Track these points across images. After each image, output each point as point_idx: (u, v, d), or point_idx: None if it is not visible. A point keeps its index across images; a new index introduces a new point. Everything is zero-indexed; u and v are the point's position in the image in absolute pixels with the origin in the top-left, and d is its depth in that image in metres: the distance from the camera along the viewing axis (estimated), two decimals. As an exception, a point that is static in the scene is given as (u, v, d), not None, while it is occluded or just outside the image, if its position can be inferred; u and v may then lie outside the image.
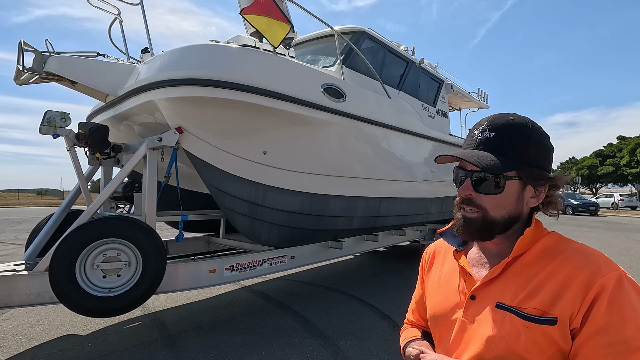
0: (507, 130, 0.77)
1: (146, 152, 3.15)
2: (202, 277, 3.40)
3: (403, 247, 8.48)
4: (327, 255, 4.63)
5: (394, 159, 4.83)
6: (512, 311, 0.72)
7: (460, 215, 0.81)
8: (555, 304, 0.69)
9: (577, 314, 0.67)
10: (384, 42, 5.16)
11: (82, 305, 2.69)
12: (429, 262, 1.03)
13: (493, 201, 0.77)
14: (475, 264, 0.85)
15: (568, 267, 0.71)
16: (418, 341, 0.96)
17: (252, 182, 3.51)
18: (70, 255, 2.63)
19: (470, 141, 0.81)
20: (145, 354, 3.07)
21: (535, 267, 0.74)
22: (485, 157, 0.75)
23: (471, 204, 0.79)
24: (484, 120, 0.81)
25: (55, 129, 3.07)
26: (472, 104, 8.79)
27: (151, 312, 4.10)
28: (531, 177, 0.76)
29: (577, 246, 0.76)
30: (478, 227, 0.78)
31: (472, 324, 0.77)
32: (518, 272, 0.76)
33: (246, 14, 3.15)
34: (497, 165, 0.74)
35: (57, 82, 3.37)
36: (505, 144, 0.76)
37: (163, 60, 3.08)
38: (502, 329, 0.71)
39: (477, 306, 0.78)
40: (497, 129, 0.77)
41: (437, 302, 0.89)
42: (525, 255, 0.77)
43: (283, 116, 3.37)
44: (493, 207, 0.77)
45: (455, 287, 0.85)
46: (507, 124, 0.77)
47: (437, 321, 0.88)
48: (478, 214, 0.78)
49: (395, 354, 3.11)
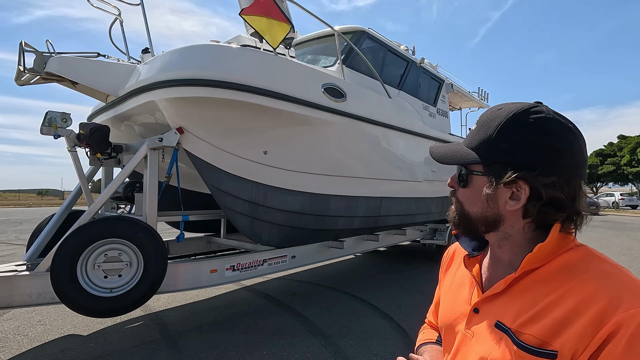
0: (484, 121, 0.71)
1: (147, 153, 3.15)
2: (203, 277, 3.41)
3: (404, 247, 8.49)
4: (327, 255, 4.64)
5: (394, 158, 4.83)
6: (508, 334, 0.63)
7: (450, 207, 0.79)
8: (558, 335, 0.58)
9: (584, 351, 0.56)
10: (384, 42, 5.16)
11: (83, 306, 2.70)
12: (447, 263, 0.95)
13: (464, 196, 0.74)
14: (487, 272, 0.78)
15: (584, 291, 0.59)
16: (430, 345, 0.93)
17: (252, 182, 3.51)
18: (71, 255, 2.64)
19: None
20: (147, 353, 3.08)
21: (548, 286, 0.64)
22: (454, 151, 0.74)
23: (454, 196, 0.77)
24: None
25: (57, 129, 3.08)
26: (472, 104, 8.79)
27: (152, 312, 4.10)
28: (497, 174, 0.67)
29: (605, 267, 0.62)
30: (457, 220, 0.76)
31: (471, 339, 0.71)
32: (526, 289, 0.66)
33: (246, 14, 3.16)
34: (455, 156, 0.73)
35: (57, 82, 3.38)
36: (477, 137, 0.71)
37: (164, 60, 3.09)
38: (495, 352, 0.64)
39: (478, 321, 0.71)
40: (479, 121, 0.73)
41: (445, 309, 0.84)
42: (540, 270, 0.66)
43: (283, 116, 3.37)
44: (466, 201, 0.74)
45: (464, 296, 0.79)
46: (489, 115, 0.71)
47: (443, 329, 0.83)
48: (457, 205, 0.76)
49: (396, 354, 3.12)
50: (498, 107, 0.72)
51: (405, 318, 3.95)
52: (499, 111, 0.70)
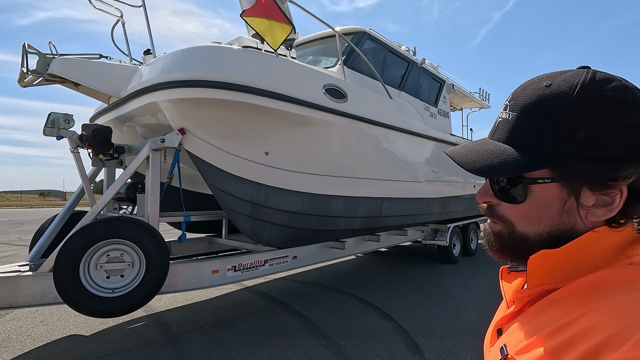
0: (532, 106, 0.51)
1: (149, 153, 3.17)
2: (205, 277, 3.42)
3: (405, 247, 8.49)
4: (329, 256, 4.65)
5: (395, 159, 4.84)
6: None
7: (486, 228, 0.60)
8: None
9: None
10: (385, 43, 5.17)
11: (86, 306, 2.72)
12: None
13: (518, 212, 0.54)
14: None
15: (594, 319, 0.45)
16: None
17: (254, 183, 3.53)
18: (74, 255, 2.66)
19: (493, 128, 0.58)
20: (149, 354, 3.09)
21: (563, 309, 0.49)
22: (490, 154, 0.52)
23: (493, 215, 0.57)
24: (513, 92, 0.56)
25: (59, 130, 3.10)
26: (473, 104, 8.79)
27: (154, 312, 4.11)
28: (578, 176, 0.48)
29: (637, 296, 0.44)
30: (505, 245, 0.56)
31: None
32: (540, 311, 0.54)
33: (247, 16, 3.17)
34: (500, 161, 0.51)
35: (60, 84, 3.40)
36: (528, 130, 0.51)
37: (165, 61, 3.10)
38: None
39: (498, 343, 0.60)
40: (519, 106, 0.52)
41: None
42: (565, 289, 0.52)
43: (285, 117, 3.38)
44: (520, 219, 0.54)
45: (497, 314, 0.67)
46: (536, 96, 0.51)
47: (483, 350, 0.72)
48: (502, 227, 0.56)
49: (397, 354, 3.12)
50: (544, 81, 0.51)
51: (406, 318, 3.95)
52: (549, 88, 0.50)
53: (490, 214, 0.58)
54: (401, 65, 5.50)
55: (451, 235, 6.63)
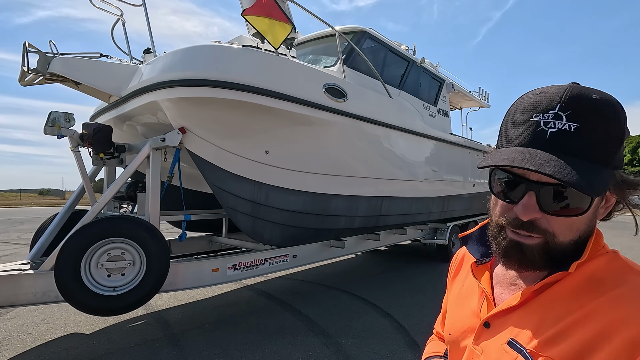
0: (597, 118, 0.51)
1: (149, 152, 3.17)
2: (205, 276, 3.43)
3: (404, 246, 8.51)
4: (328, 255, 4.66)
5: (395, 158, 4.85)
6: (523, 355, 0.54)
7: (509, 240, 0.58)
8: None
9: None
10: (385, 42, 5.18)
11: (87, 304, 2.73)
12: (455, 269, 0.84)
13: (566, 224, 0.55)
14: (500, 282, 0.67)
15: (616, 311, 0.50)
16: (437, 359, 0.86)
17: (254, 182, 3.53)
18: (75, 254, 2.66)
19: (533, 133, 0.54)
20: (149, 352, 3.10)
21: (572, 302, 0.54)
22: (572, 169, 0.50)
23: (533, 229, 0.56)
24: (552, 96, 0.54)
25: (60, 129, 3.10)
26: (473, 103, 8.80)
27: (154, 310, 4.13)
28: (619, 186, 0.55)
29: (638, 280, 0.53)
30: (536, 258, 0.56)
31: (480, 356, 0.62)
32: (548, 304, 0.56)
33: (247, 15, 3.18)
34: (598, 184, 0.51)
35: (61, 82, 3.40)
36: (597, 144, 0.52)
37: (166, 61, 3.11)
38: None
39: (489, 337, 0.62)
40: (582, 118, 0.51)
41: (452, 322, 0.74)
42: (564, 282, 0.56)
43: (285, 116, 3.39)
44: (563, 230, 0.55)
45: (472, 308, 0.69)
46: (596, 108, 0.52)
47: (450, 343, 0.73)
48: (539, 240, 0.56)
49: (396, 352, 3.14)
50: (591, 93, 0.52)
51: (405, 317, 3.96)
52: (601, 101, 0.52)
53: (530, 229, 0.56)
54: (401, 64, 5.51)
55: (450, 234, 6.65)
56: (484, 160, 0.59)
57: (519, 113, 0.57)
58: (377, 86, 4.63)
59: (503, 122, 0.60)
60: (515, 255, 0.58)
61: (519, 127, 0.56)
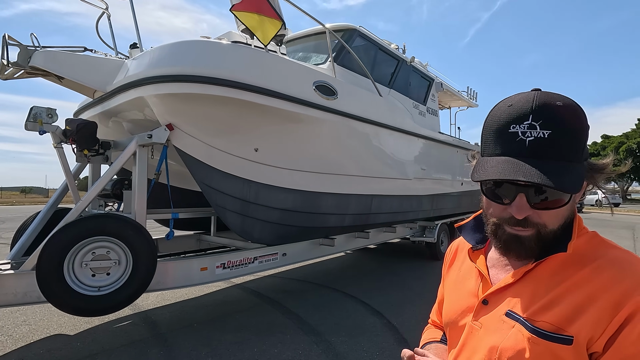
0: (564, 122, 0.60)
1: (136, 149, 3.11)
2: (194, 275, 3.39)
3: (393, 244, 8.56)
4: (318, 253, 4.65)
5: (385, 156, 4.86)
6: (520, 322, 0.63)
7: (508, 234, 0.67)
8: (573, 321, 0.58)
9: (601, 336, 0.56)
10: (375, 40, 5.18)
11: (70, 305, 2.66)
12: (450, 259, 0.92)
13: (553, 214, 0.64)
14: (494, 264, 0.75)
15: (599, 278, 0.60)
16: (435, 344, 0.91)
17: (243, 180, 3.50)
18: (58, 253, 2.59)
19: (514, 143, 0.62)
20: (137, 352, 3.04)
21: (561, 274, 0.64)
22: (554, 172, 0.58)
23: (528, 224, 0.64)
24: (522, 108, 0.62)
25: (42, 125, 3.01)
26: (461, 103, 8.89)
27: (141, 310, 4.05)
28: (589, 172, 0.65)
29: (618, 254, 0.63)
30: (533, 246, 0.65)
31: (479, 330, 0.69)
32: (539, 279, 0.65)
33: (236, 10, 3.13)
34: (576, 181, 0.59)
35: (43, 77, 3.30)
36: (567, 145, 0.60)
37: (153, 55, 3.04)
38: (507, 341, 0.63)
39: (487, 312, 0.69)
40: (552, 125, 0.60)
41: (450, 304, 0.81)
42: (552, 259, 0.65)
43: (275, 113, 3.36)
44: (552, 220, 0.64)
45: (470, 289, 0.77)
46: (561, 113, 0.60)
47: (449, 323, 0.80)
48: (532, 232, 0.64)
49: (386, 350, 3.15)
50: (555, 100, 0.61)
51: (395, 315, 3.99)
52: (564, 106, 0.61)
53: (524, 224, 0.64)
54: (391, 63, 5.52)
55: (439, 232, 6.71)
56: (477, 174, 0.66)
57: (497, 125, 0.65)
58: (367, 84, 4.63)
59: (483, 132, 0.69)
60: (515, 247, 0.66)
61: (500, 139, 0.64)
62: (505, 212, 0.65)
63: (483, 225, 0.76)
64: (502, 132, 0.63)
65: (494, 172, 0.62)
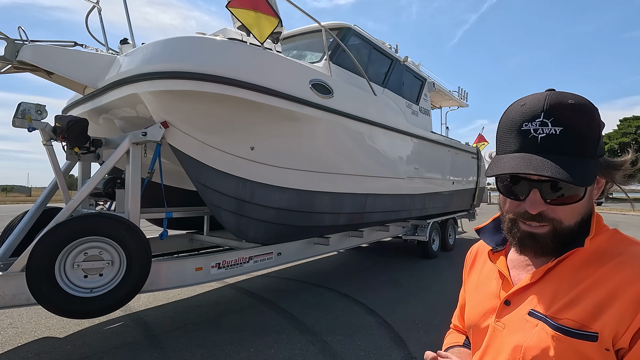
0: (576, 120, 0.61)
1: (129, 147, 3.04)
2: (188, 275, 3.33)
3: (385, 243, 8.61)
4: (313, 252, 4.64)
5: (379, 155, 4.88)
6: (544, 320, 0.63)
7: (522, 232, 0.67)
8: (597, 318, 0.58)
9: (626, 332, 0.56)
10: (370, 39, 5.19)
11: (62, 307, 2.58)
12: (470, 263, 0.92)
13: (568, 210, 0.64)
14: (515, 265, 0.75)
15: (621, 274, 0.60)
16: (457, 348, 0.91)
17: (239, 179, 3.45)
18: (49, 254, 2.51)
19: (526, 140, 0.63)
20: (129, 355, 2.98)
21: (583, 271, 0.64)
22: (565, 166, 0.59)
23: (542, 219, 0.64)
24: (534, 107, 0.63)
25: (31, 121, 2.91)
26: (452, 102, 8.98)
27: (132, 312, 3.97)
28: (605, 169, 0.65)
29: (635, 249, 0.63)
30: (549, 243, 0.65)
31: (503, 330, 0.69)
32: (561, 277, 0.65)
33: (233, 7, 3.08)
34: (588, 175, 0.59)
35: (31, 72, 3.19)
36: (579, 140, 0.61)
37: (147, 51, 2.97)
38: (530, 340, 0.63)
39: (510, 312, 0.69)
40: (564, 122, 0.61)
41: (473, 306, 0.81)
42: (573, 257, 0.66)
43: (271, 112, 3.33)
44: (567, 216, 0.64)
45: (492, 291, 0.77)
46: (574, 111, 0.61)
47: (472, 326, 0.79)
48: (548, 227, 0.65)
49: (382, 348, 3.16)
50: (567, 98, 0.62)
51: (390, 313, 4.00)
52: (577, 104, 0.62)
53: (540, 219, 0.65)
54: (385, 62, 5.54)
55: (431, 231, 6.77)
56: (490, 170, 0.68)
57: (510, 124, 0.66)
58: (362, 83, 4.63)
59: (498, 132, 0.70)
60: (530, 244, 0.67)
61: (513, 136, 0.65)
62: (520, 208, 0.66)
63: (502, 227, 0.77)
64: (515, 130, 0.65)
65: (506, 167, 0.63)
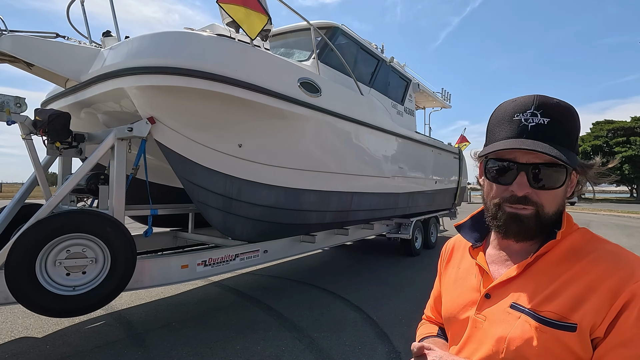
0: (561, 115, 0.69)
1: (114, 143, 2.98)
2: (173, 273, 3.30)
3: (369, 241, 8.72)
4: (299, 249, 4.67)
5: (365, 154, 4.94)
6: (526, 313, 0.67)
7: (507, 214, 0.72)
8: (576, 310, 0.63)
9: (602, 322, 0.61)
10: (357, 39, 5.23)
11: (43, 305, 2.51)
12: (447, 257, 0.96)
13: (550, 196, 0.70)
14: (494, 260, 0.79)
15: (596, 269, 0.65)
16: (432, 338, 0.93)
17: (226, 176, 3.44)
18: (30, 251, 2.44)
19: (516, 128, 0.70)
20: (112, 354, 2.93)
21: (560, 267, 0.69)
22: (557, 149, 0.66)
23: (527, 202, 0.70)
24: (525, 101, 0.71)
25: (10, 115, 2.81)
26: (436, 103, 9.16)
27: (114, 310, 3.90)
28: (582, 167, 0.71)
29: (610, 247, 0.70)
30: (532, 225, 0.70)
31: (484, 322, 0.73)
32: (540, 272, 0.70)
33: (223, 3, 3.06)
34: (574, 159, 0.68)
35: (10, 63, 3.08)
36: (563, 132, 0.69)
37: (134, 45, 2.92)
38: (514, 331, 0.66)
39: (491, 305, 0.73)
40: (551, 114, 0.68)
41: (451, 299, 0.85)
42: (550, 254, 0.71)
43: (260, 109, 3.33)
44: (549, 202, 0.70)
45: (471, 285, 0.80)
46: (559, 108, 0.69)
47: (451, 318, 0.83)
48: (531, 210, 0.70)
49: (367, 344, 3.22)
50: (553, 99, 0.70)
51: (374, 309, 4.08)
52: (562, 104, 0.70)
53: (524, 202, 0.70)
54: (371, 62, 5.60)
55: (414, 229, 6.90)
56: (482, 151, 0.74)
57: (502, 115, 0.73)
58: (349, 83, 4.68)
59: (489, 125, 0.76)
60: (514, 226, 0.71)
61: (505, 125, 0.72)
62: (507, 192, 0.71)
63: (480, 223, 0.83)
64: (507, 120, 0.72)
65: (499, 146, 0.69)
